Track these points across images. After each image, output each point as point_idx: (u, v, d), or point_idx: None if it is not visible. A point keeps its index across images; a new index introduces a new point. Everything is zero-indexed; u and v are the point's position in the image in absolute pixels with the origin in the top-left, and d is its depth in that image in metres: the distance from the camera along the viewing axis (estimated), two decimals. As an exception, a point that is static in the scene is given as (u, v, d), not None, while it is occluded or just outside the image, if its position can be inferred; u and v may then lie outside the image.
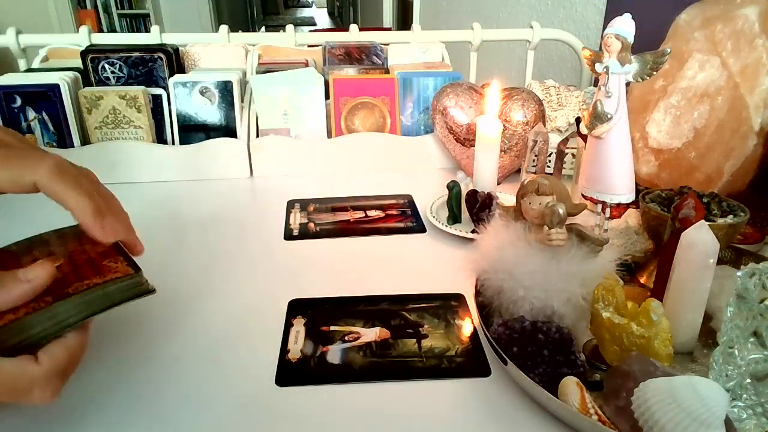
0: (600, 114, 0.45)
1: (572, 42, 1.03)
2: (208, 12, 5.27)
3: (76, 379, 0.37)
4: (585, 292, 0.38)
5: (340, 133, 0.79)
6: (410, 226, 0.62)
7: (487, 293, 0.42)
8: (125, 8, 4.96)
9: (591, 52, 0.46)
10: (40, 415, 0.35)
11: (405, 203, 0.68)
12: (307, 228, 0.60)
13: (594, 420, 0.31)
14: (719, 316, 0.40)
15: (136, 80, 0.77)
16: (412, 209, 0.66)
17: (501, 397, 0.37)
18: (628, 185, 0.46)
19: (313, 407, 0.36)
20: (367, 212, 0.66)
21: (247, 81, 0.80)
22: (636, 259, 0.50)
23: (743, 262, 0.48)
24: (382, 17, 4.00)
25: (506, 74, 1.54)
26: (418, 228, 0.61)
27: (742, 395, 0.34)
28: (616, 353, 0.36)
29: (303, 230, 0.61)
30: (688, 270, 0.38)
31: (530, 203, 0.39)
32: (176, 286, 0.50)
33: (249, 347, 0.42)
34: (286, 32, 0.99)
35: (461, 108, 0.72)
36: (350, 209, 0.66)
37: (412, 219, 0.64)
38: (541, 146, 0.63)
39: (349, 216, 0.64)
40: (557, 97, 0.80)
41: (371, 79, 0.80)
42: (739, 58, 0.56)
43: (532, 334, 0.37)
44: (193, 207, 0.68)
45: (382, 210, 0.66)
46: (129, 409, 0.36)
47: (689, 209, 0.40)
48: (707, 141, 0.58)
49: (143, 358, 0.41)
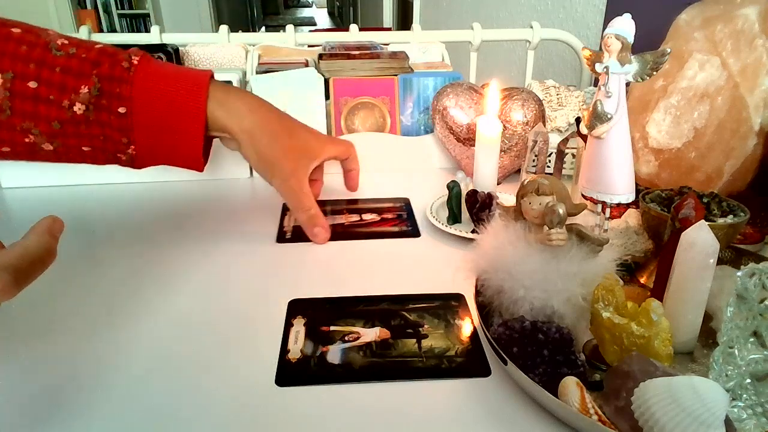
0: (600, 114, 0.45)
1: (572, 42, 1.03)
2: (208, 12, 5.27)
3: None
4: (585, 292, 0.38)
5: (340, 133, 0.79)
6: (405, 231, 0.61)
7: (487, 293, 0.42)
8: (125, 8, 4.97)
9: (591, 52, 0.46)
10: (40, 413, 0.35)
11: (401, 206, 0.68)
12: (300, 230, 0.59)
13: (594, 420, 0.31)
14: (719, 316, 0.40)
15: (136, 80, 0.77)
16: (408, 213, 0.66)
17: (501, 397, 0.37)
18: (628, 185, 0.46)
19: (313, 407, 0.36)
20: (362, 215, 0.65)
21: (247, 81, 0.80)
22: (636, 259, 0.50)
23: (743, 262, 0.48)
24: (382, 17, 4.00)
25: (506, 74, 1.54)
26: (412, 232, 0.61)
27: (742, 395, 0.34)
28: (616, 353, 0.36)
29: (296, 233, 0.60)
30: (688, 270, 0.38)
31: (530, 203, 0.39)
32: (176, 284, 0.50)
33: (249, 347, 0.42)
34: (286, 32, 0.99)
35: (461, 108, 0.72)
36: (345, 212, 0.66)
37: (407, 223, 0.63)
38: (541, 146, 0.63)
39: (344, 219, 0.64)
40: (557, 97, 0.80)
41: (371, 79, 0.80)
42: (739, 58, 0.56)
43: (532, 334, 0.37)
44: (194, 207, 0.68)
45: (378, 213, 0.65)
46: (128, 409, 0.36)
47: (689, 209, 0.40)
48: (707, 141, 0.58)
49: (142, 358, 0.41)
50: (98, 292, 0.49)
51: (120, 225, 0.62)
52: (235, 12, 7.48)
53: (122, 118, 0.47)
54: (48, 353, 0.41)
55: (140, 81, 0.47)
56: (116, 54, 0.48)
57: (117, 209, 0.66)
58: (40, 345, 0.42)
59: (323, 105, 0.78)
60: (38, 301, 0.46)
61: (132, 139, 0.48)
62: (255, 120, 0.52)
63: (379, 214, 0.65)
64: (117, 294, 0.49)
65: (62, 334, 0.43)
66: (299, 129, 0.56)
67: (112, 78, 0.46)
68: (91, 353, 0.41)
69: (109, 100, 0.46)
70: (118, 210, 0.66)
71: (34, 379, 0.38)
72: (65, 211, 0.40)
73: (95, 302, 0.47)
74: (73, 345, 0.42)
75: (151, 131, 0.48)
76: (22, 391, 0.37)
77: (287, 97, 0.77)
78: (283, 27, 1.03)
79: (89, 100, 0.46)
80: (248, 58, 0.88)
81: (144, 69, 0.48)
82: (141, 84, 0.47)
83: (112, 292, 0.49)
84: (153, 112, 0.48)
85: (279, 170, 0.54)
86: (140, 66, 0.48)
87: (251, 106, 0.52)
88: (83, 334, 0.43)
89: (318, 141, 0.57)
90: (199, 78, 0.50)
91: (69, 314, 0.46)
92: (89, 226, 0.62)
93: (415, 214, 0.66)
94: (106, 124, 0.47)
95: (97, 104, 0.46)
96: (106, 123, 0.47)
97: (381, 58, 0.81)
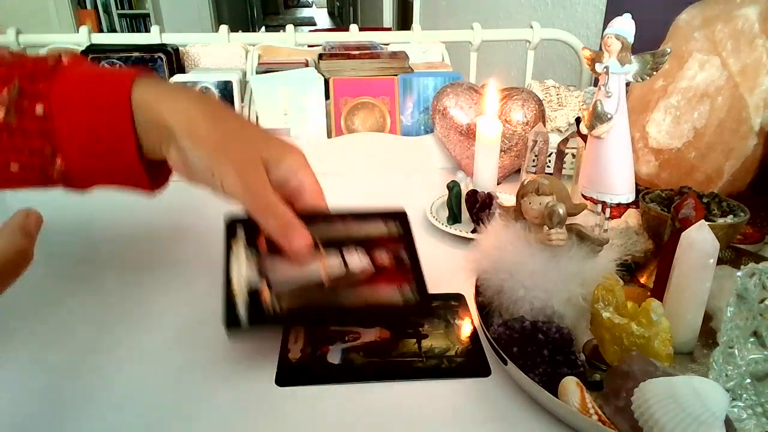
0: (600, 114, 0.45)
1: (572, 42, 1.03)
2: (208, 12, 5.27)
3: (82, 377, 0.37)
4: (585, 292, 0.38)
5: (340, 133, 0.80)
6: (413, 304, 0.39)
7: (487, 293, 0.42)
8: (125, 8, 4.97)
9: (591, 52, 0.46)
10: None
11: (397, 235, 0.44)
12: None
13: (594, 420, 0.31)
14: (719, 316, 0.40)
15: (136, 80, 0.77)
16: (407, 245, 0.44)
17: (501, 397, 0.37)
18: (628, 185, 0.46)
19: (313, 407, 0.36)
20: (345, 253, 0.41)
21: (247, 81, 0.80)
22: (636, 259, 0.50)
23: (743, 262, 0.48)
24: (382, 17, 4.00)
25: (506, 74, 1.54)
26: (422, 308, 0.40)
27: (742, 395, 0.34)
28: (616, 353, 0.36)
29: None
30: (688, 270, 0.38)
31: (530, 203, 0.39)
32: (175, 283, 0.50)
33: (249, 347, 0.42)
34: (286, 32, 0.99)
35: (461, 108, 0.72)
36: (318, 246, 0.41)
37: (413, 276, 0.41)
38: (541, 146, 0.63)
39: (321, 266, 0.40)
40: (557, 97, 0.80)
41: (371, 79, 0.80)
42: (739, 58, 0.56)
43: (532, 334, 0.37)
44: (194, 207, 0.67)
45: (368, 249, 0.42)
46: (127, 409, 0.36)
47: (689, 209, 0.40)
48: (707, 141, 0.58)
49: (141, 359, 0.41)
50: (98, 293, 0.49)
51: (123, 223, 0.62)
52: (235, 12, 7.48)
53: (42, 121, 0.40)
54: (45, 358, 0.41)
55: (62, 79, 0.41)
56: (48, 57, 0.42)
57: (124, 207, 0.66)
58: (39, 348, 0.42)
59: (323, 105, 0.78)
60: (36, 303, 0.46)
61: (56, 147, 0.41)
62: (192, 104, 0.41)
63: (368, 251, 0.42)
64: (118, 293, 0.49)
65: (64, 336, 0.43)
66: (248, 122, 0.46)
67: (34, 76, 0.40)
68: (93, 350, 0.41)
69: (29, 101, 0.40)
70: (123, 208, 0.66)
71: (35, 379, 0.38)
72: (71, 213, 0.39)
73: (93, 305, 0.47)
74: (74, 348, 0.42)
75: (76, 135, 0.41)
76: (24, 389, 0.37)
77: (287, 97, 0.77)
78: (283, 27, 1.03)
79: (9, 103, 0.40)
80: (248, 58, 0.88)
81: (72, 69, 0.41)
82: (62, 82, 0.41)
83: (113, 291, 0.49)
84: (75, 113, 0.40)
85: (229, 160, 0.40)
86: (69, 66, 0.42)
87: (189, 94, 0.43)
88: (85, 336, 0.43)
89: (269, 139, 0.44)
90: (126, 72, 0.42)
91: (68, 317, 0.46)
92: (96, 224, 0.62)
93: (416, 215, 0.65)
94: (28, 132, 0.40)
95: (18, 107, 0.40)
96: (28, 130, 0.40)
97: (381, 58, 0.81)
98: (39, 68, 0.41)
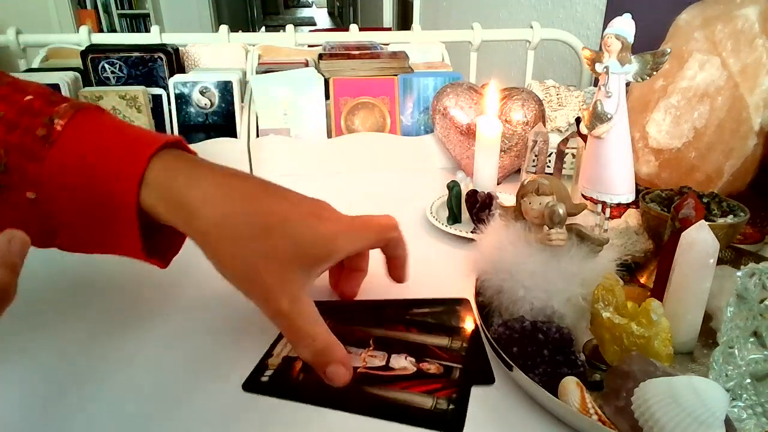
0: (600, 114, 0.45)
1: (572, 42, 1.03)
2: (208, 12, 5.27)
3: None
4: (585, 292, 0.38)
5: (340, 133, 0.80)
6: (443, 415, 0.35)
7: (487, 293, 0.42)
8: (125, 8, 4.97)
9: (591, 52, 0.46)
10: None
11: (460, 347, 0.41)
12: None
13: (594, 420, 0.31)
14: (719, 316, 0.40)
15: (136, 80, 0.77)
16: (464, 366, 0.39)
17: (501, 397, 0.37)
18: (628, 185, 0.46)
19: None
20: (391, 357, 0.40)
21: (247, 81, 0.80)
22: (636, 259, 0.50)
23: (743, 262, 0.48)
24: (382, 17, 4.00)
25: (506, 74, 1.54)
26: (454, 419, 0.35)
27: (742, 395, 0.34)
28: (616, 353, 0.36)
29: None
30: (688, 270, 0.38)
31: (530, 203, 0.39)
32: (174, 282, 0.50)
33: (236, 346, 0.41)
34: (286, 32, 0.99)
35: (461, 108, 0.72)
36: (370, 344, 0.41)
37: (456, 390, 0.37)
38: (541, 146, 0.63)
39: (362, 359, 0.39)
40: (557, 97, 0.80)
41: (371, 79, 0.80)
42: (739, 58, 0.56)
43: (532, 334, 0.37)
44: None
45: (418, 357, 0.40)
46: (119, 407, 0.36)
47: (689, 209, 0.40)
48: (707, 141, 0.58)
49: (142, 359, 0.41)
50: (91, 305, 0.49)
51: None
52: (235, 12, 7.48)
53: (35, 206, 0.35)
54: (42, 361, 0.41)
55: (57, 156, 0.34)
56: (40, 113, 0.35)
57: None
58: (39, 349, 0.42)
59: (323, 105, 0.78)
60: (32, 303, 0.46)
61: (52, 229, 0.37)
62: (210, 214, 0.35)
63: (419, 360, 0.39)
64: (113, 301, 0.49)
65: (63, 334, 0.43)
66: (288, 217, 0.36)
67: (23, 150, 0.34)
68: (80, 359, 0.41)
69: (19, 178, 0.35)
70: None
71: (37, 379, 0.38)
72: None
73: (88, 312, 0.47)
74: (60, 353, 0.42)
75: (73, 229, 0.37)
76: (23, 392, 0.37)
77: (287, 97, 0.77)
78: (283, 27, 1.03)
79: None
80: (248, 58, 0.88)
81: (69, 137, 0.35)
82: (57, 161, 0.34)
83: (110, 298, 0.49)
84: (71, 203, 0.35)
85: (257, 287, 0.35)
86: (64, 133, 0.35)
87: (206, 194, 0.35)
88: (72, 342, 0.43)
89: (326, 228, 0.37)
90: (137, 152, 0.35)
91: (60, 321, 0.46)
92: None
93: (416, 215, 0.65)
94: (20, 207, 0.35)
95: (7, 183, 0.35)
96: (20, 205, 0.35)
97: (381, 58, 0.81)
98: (27, 139, 0.34)
